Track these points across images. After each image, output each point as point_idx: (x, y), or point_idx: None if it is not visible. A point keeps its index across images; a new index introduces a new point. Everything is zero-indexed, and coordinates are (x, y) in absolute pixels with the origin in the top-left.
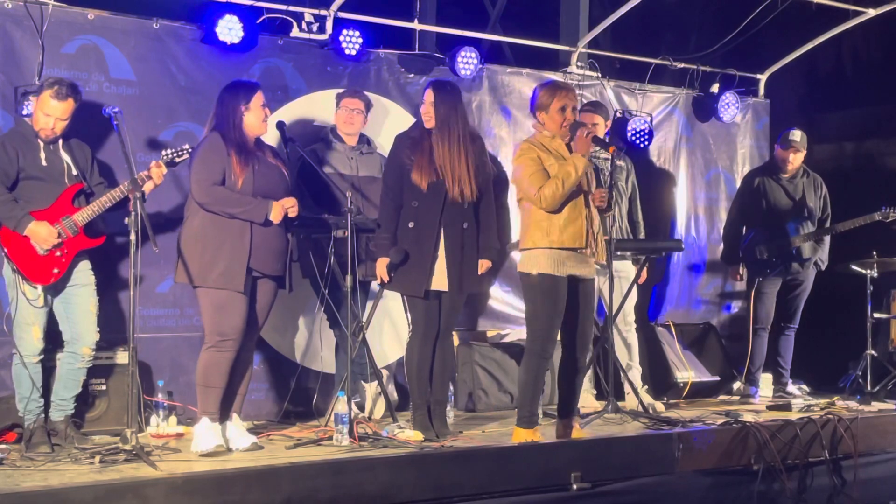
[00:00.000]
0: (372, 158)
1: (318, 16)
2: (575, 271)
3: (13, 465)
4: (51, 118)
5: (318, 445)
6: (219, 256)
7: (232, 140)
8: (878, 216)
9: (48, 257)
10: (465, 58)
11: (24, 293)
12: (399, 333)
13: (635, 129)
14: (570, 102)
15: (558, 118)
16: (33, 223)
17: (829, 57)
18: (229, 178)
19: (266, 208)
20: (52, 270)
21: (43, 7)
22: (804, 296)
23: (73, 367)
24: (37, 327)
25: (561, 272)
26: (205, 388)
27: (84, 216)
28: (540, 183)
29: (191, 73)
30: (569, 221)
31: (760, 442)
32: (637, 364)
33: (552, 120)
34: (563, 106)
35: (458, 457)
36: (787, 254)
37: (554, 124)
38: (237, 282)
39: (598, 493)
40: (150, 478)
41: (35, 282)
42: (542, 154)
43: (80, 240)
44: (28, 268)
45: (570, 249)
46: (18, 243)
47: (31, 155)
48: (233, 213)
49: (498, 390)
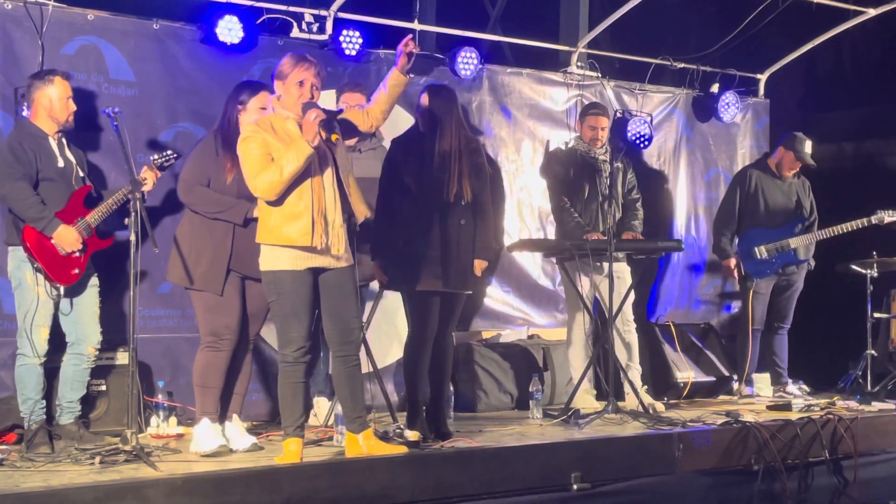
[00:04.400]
0: (373, 156)
1: (318, 16)
2: (314, 263)
3: (13, 466)
4: (71, 99)
5: (318, 445)
6: (202, 257)
7: (228, 139)
8: (873, 220)
9: (69, 258)
10: (465, 58)
11: (47, 293)
12: (399, 334)
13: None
14: (309, 78)
15: (295, 91)
16: (62, 227)
17: (829, 57)
18: (218, 179)
19: (245, 209)
20: (73, 271)
21: (43, 7)
22: (796, 295)
23: (79, 368)
24: (45, 328)
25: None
26: (202, 388)
27: (96, 217)
28: (258, 172)
29: (191, 73)
30: (293, 216)
31: (760, 442)
32: (637, 364)
33: (288, 93)
34: (301, 80)
35: (458, 457)
36: (785, 254)
37: (290, 98)
38: (216, 283)
39: (598, 493)
40: (150, 478)
41: (58, 282)
42: (270, 138)
43: (94, 241)
44: (52, 269)
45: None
46: (41, 244)
47: (46, 156)
48: (213, 214)
49: (498, 390)
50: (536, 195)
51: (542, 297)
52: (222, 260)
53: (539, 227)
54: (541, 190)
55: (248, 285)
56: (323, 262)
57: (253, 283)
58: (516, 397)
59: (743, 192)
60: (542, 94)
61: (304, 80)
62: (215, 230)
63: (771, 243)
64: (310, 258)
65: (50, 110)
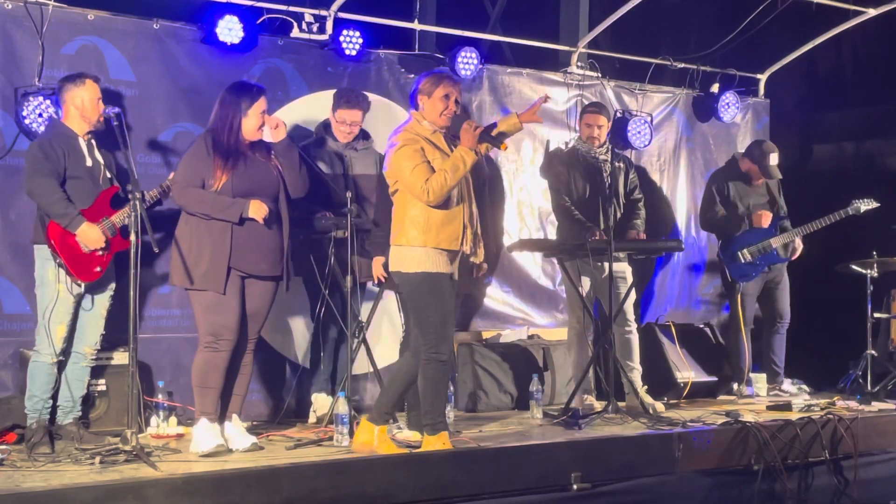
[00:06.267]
0: (367, 154)
1: (318, 16)
2: (449, 269)
3: (14, 466)
4: (101, 100)
5: (318, 446)
6: (202, 257)
7: (222, 141)
8: (850, 211)
9: (92, 255)
10: (465, 58)
11: (68, 290)
12: (399, 334)
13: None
14: (454, 93)
15: (440, 105)
16: (85, 224)
17: (829, 57)
18: (209, 180)
19: (240, 208)
20: (94, 269)
21: (43, 7)
22: (787, 290)
23: (78, 366)
24: (63, 326)
25: (444, 269)
26: (202, 388)
27: (121, 218)
28: (426, 175)
29: (191, 73)
30: (447, 221)
31: (761, 442)
32: (637, 364)
33: (434, 107)
34: (447, 94)
35: (458, 457)
36: (768, 255)
37: (434, 111)
38: (218, 283)
39: (598, 493)
40: (150, 478)
41: (80, 279)
42: (426, 146)
43: (118, 241)
44: (74, 265)
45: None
46: (65, 240)
47: (75, 155)
48: (207, 214)
49: (498, 390)
50: (536, 195)
51: (542, 297)
52: (222, 258)
53: (539, 227)
54: (541, 190)
55: (247, 284)
56: (454, 269)
57: (253, 282)
58: (516, 397)
59: (721, 197)
60: (542, 94)
61: (449, 94)
62: (213, 229)
63: (753, 245)
64: (450, 264)
65: (82, 111)
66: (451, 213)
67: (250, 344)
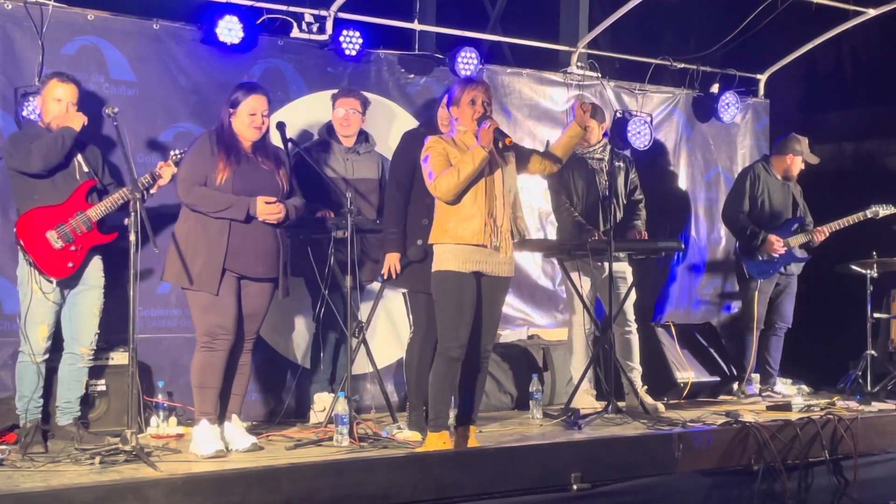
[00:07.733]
0: (369, 158)
1: (318, 16)
2: (480, 268)
3: (13, 466)
4: (63, 102)
5: (318, 446)
6: (197, 257)
7: (222, 140)
8: (868, 214)
9: (63, 251)
10: (465, 58)
11: (39, 288)
12: (399, 334)
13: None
14: (479, 95)
15: (468, 110)
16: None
17: (829, 57)
18: (212, 175)
19: (247, 205)
20: (66, 264)
21: (43, 8)
22: (793, 298)
23: (74, 368)
24: (44, 326)
25: (465, 268)
26: (200, 388)
27: (97, 212)
28: (436, 174)
29: (191, 73)
30: (466, 217)
31: (760, 442)
32: (637, 364)
33: (463, 113)
34: (472, 98)
35: (458, 457)
36: (787, 254)
37: (465, 117)
38: (211, 284)
39: (598, 493)
40: (150, 478)
41: (50, 275)
42: (450, 148)
43: (94, 235)
44: (44, 261)
45: (472, 245)
46: (35, 238)
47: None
48: (214, 212)
49: (498, 391)
50: (536, 195)
51: (542, 297)
52: (217, 259)
53: (539, 227)
54: (541, 190)
55: (244, 285)
56: (486, 268)
57: (250, 282)
58: (516, 397)
59: (750, 193)
60: (541, 94)
61: (474, 98)
62: (210, 229)
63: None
64: (477, 262)
65: (45, 111)
66: (470, 209)
67: (248, 344)
